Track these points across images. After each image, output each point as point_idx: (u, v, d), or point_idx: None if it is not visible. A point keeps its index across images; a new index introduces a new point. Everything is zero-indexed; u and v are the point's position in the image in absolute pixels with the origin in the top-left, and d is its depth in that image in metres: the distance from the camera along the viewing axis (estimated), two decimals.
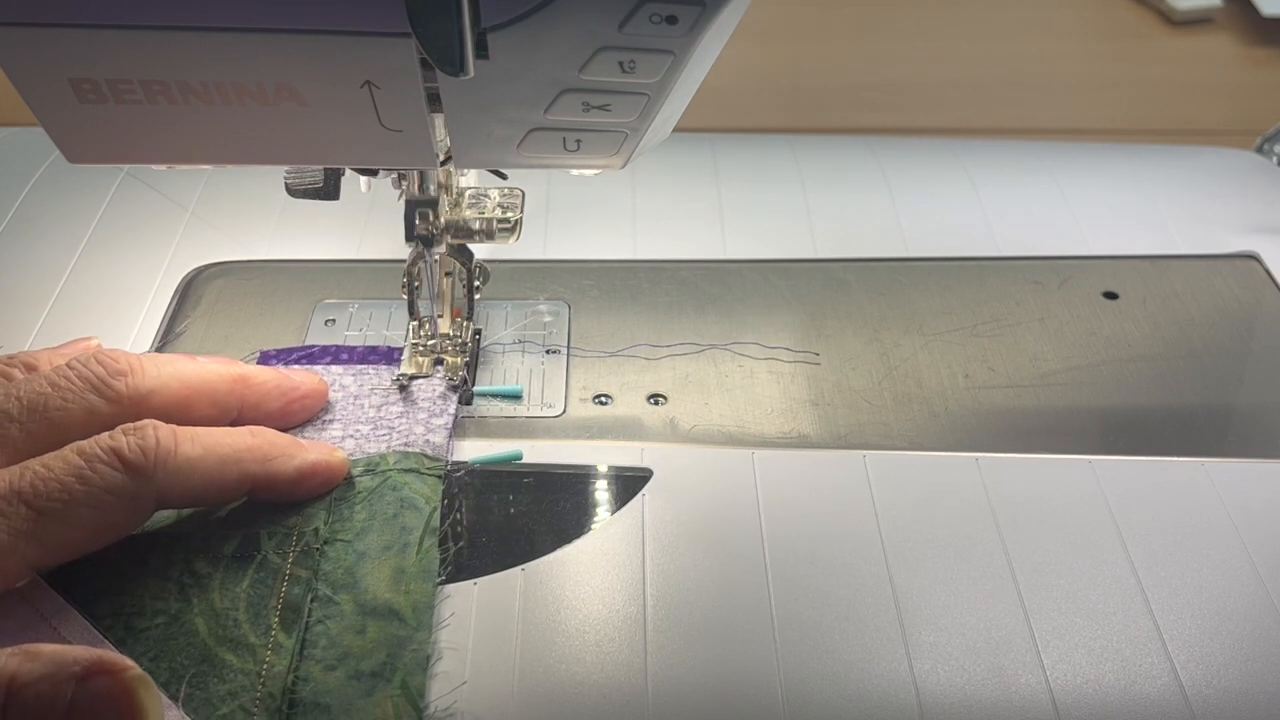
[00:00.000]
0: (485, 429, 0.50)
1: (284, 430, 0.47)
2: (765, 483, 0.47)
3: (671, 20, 0.37)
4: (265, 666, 0.39)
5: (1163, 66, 0.86)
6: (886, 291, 0.58)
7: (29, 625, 0.40)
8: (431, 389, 0.50)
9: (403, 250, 0.50)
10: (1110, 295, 0.59)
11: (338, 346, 0.53)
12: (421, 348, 0.52)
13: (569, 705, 0.39)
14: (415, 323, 0.52)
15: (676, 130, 0.45)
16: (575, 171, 0.45)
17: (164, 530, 0.43)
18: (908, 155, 0.68)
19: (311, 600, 0.41)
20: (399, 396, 0.50)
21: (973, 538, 0.45)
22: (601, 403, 0.52)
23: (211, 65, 0.38)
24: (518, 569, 0.44)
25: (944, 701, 0.40)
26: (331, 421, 0.49)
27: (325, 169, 0.48)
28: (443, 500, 0.45)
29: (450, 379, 0.51)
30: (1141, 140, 0.76)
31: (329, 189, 0.48)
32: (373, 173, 0.47)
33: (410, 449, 0.47)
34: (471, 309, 0.53)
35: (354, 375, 0.51)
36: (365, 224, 0.61)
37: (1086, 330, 0.56)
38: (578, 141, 0.42)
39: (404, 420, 0.49)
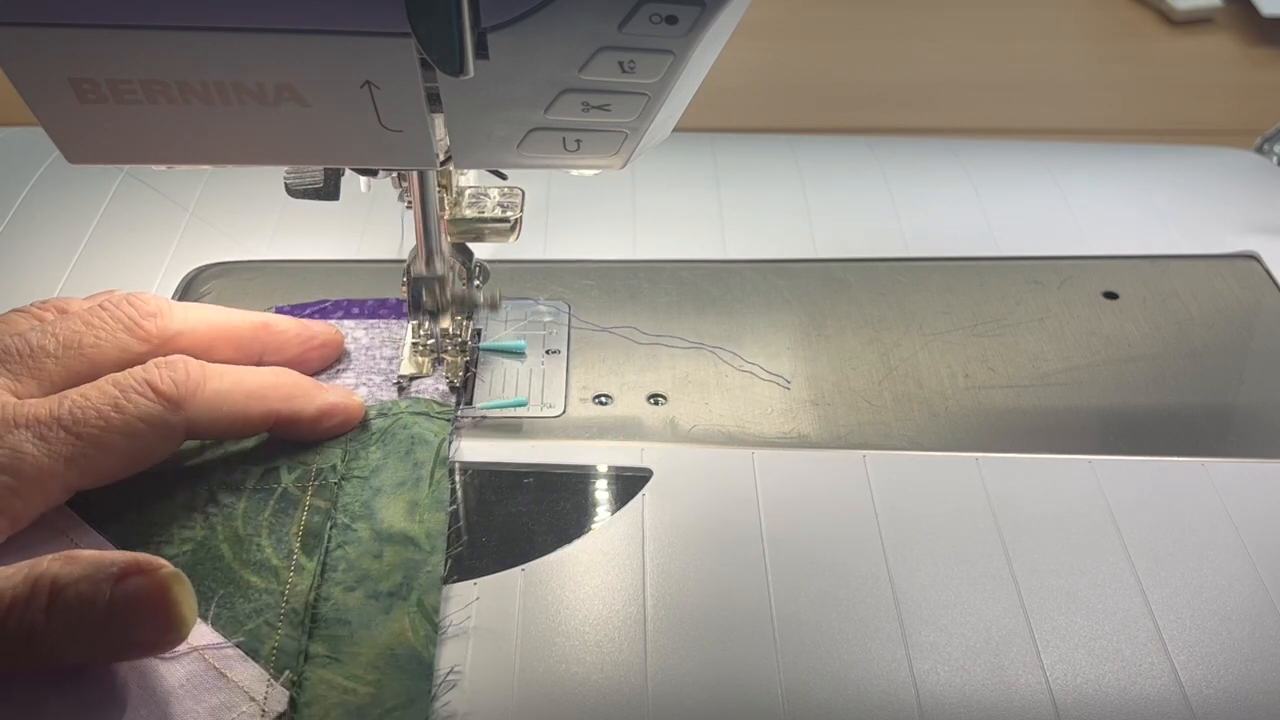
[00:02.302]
0: (485, 429, 0.50)
1: None
2: (765, 483, 0.47)
3: (671, 20, 0.37)
4: (288, 587, 0.42)
5: (1163, 66, 0.86)
6: (886, 291, 0.58)
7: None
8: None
9: (402, 251, 0.50)
10: (1110, 295, 0.59)
11: (349, 301, 0.56)
12: (421, 347, 0.52)
13: (569, 705, 0.39)
14: (415, 322, 0.52)
15: (676, 130, 0.45)
16: (575, 171, 0.45)
17: (189, 466, 0.46)
18: (908, 155, 0.68)
19: (331, 528, 0.44)
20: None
21: (973, 538, 0.45)
22: (601, 403, 0.52)
23: (211, 65, 0.38)
24: (518, 569, 0.44)
25: (944, 701, 0.40)
26: (345, 371, 0.52)
27: (325, 169, 0.48)
28: (450, 437, 0.48)
29: (450, 378, 0.51)
30: (1141, 140, 0.76)
31: (329, 189, 0.48)
32: (373, 173, 0.47)
33: (420, 396, 0.50)
34: (471, 309, 0.53)
35: (365, 329, 0.54)
36: (365, 224, 0.61)
37: (1086, 330, 0.56)
38: (578, 141, 0.42)
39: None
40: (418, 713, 0.38)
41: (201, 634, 0.40)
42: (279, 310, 0.55)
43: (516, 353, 0.53)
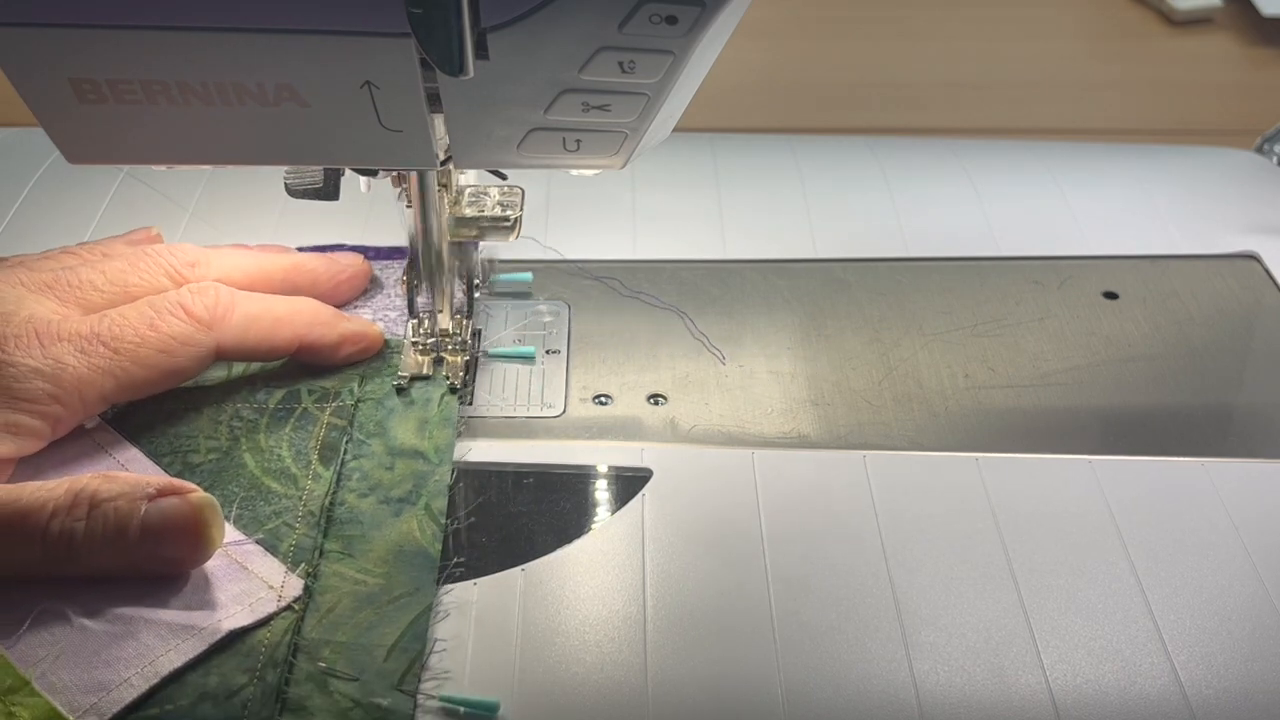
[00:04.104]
0: (485, 429, 0.50)
1: None
2: (765, 483, 0.47)
3: (671, 20, 0.37)
4: (305, 492, 0.45)
5: (1163, 66, 0.86)
6: (886, 291, 0.58)
7: (103, 467, 0.46)
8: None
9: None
10: (1110, 295, 0.59)
11: (363, 246, 0.58)
12: (421, 346, 0.52)
13: (569, 705, 0.39)
14: (414, 321, 0.52)
15: (676, 130, 0.45)
16: (575, 171, 0.45)
17: (216, 389, 0.50)
18: (908, 155, 0.68)
19: (346, 442, 0.48)
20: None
21: (973, 538, 0.45)
22: (601, 403, 0.52)
23: (211, 65, 0.38)
24: (518, 569, 0.44)
25: (944, 701, 0.40)
26: (361, 308, 0.55)
27: (325, 169, 0.48)
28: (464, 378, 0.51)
29: (449, 378, 0.51)
30: (1141, 140, 0.76)
31: (329, 189, 0.49)
32: (373, 173, 0.48)
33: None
34: (471, 308, 0.53)
35: (379, 269, 0.57)
36: (365, 224, 0.61)
37: (1086, 330, 0.56)
38: (578, 141, 0.42)
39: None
40: (423, 599, 0.42)
41: (225, 533, 0.43)
42: (301, 250, 0.57)
43: (526, 358, 0.53)
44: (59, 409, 0.44)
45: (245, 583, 0.42)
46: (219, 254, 0.51)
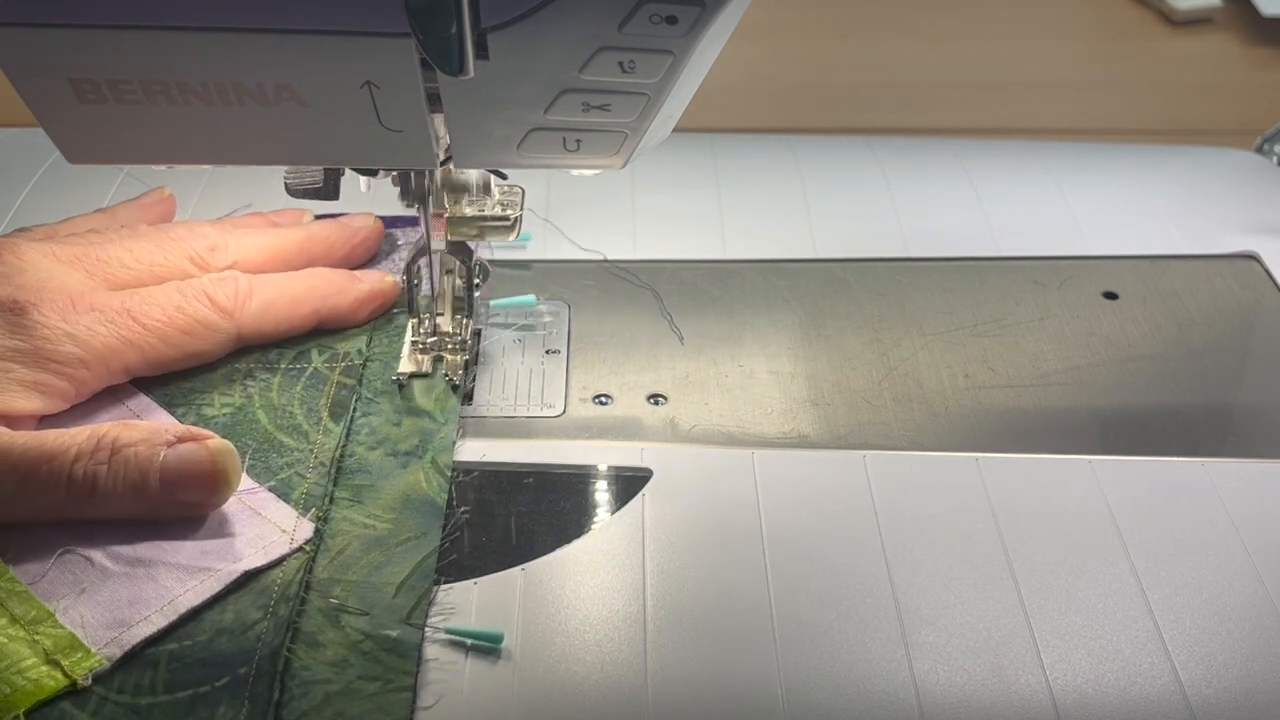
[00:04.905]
0: (485, 429, 0.50)
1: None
2: (765, 483, 0.47)
3: (671, 20, 0.37)
4: (316, 445, 0.48)
5: (1163, 66, 0.86)
6: (886, 291, 0.58)
7: (122, 420, 0.48)
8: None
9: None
10: (1110, 295, 0.59)
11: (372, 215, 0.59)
12: (421, 345, 0.52)
13: (569, 705, 0.39)
14: (415, 320, 0.52)
15: (676, 130, 0.45)
16: (575, 171, 0.45)
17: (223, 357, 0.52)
18: (908, 155, 0.68)
19: (356, 400, 0.50)
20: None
21: (973, 538, 0.45)
22: (601, 403, 0.52)
23: (211, 65, 0.38)
24: (518, 569, 0.44)
25: (944, 701, 0.40)
26: (372, 270, 0.57)
27: (325, 169, 0.48)
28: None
29: (449, 377, 0.51)
30: (1141, 140, 0.76)
31: (329, 189, 0.48)
32: (373, 173, 0.47)
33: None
34: (471, 308, 0.53)
35: (388, 234, 0.59)
36: None
37: (1086, 330, 0.56)
38: (578, 141, 0.42)
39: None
40: (429, 542, 0.44)
41: (241, 478, 0.45)
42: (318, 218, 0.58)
43: (527, 307, 0.56)
44: (85, 373, 0.47)
45: (259, 527, 0.44)
46: (237, 236, 0.54)
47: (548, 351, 0.54)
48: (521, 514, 0.46)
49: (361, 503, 0.45)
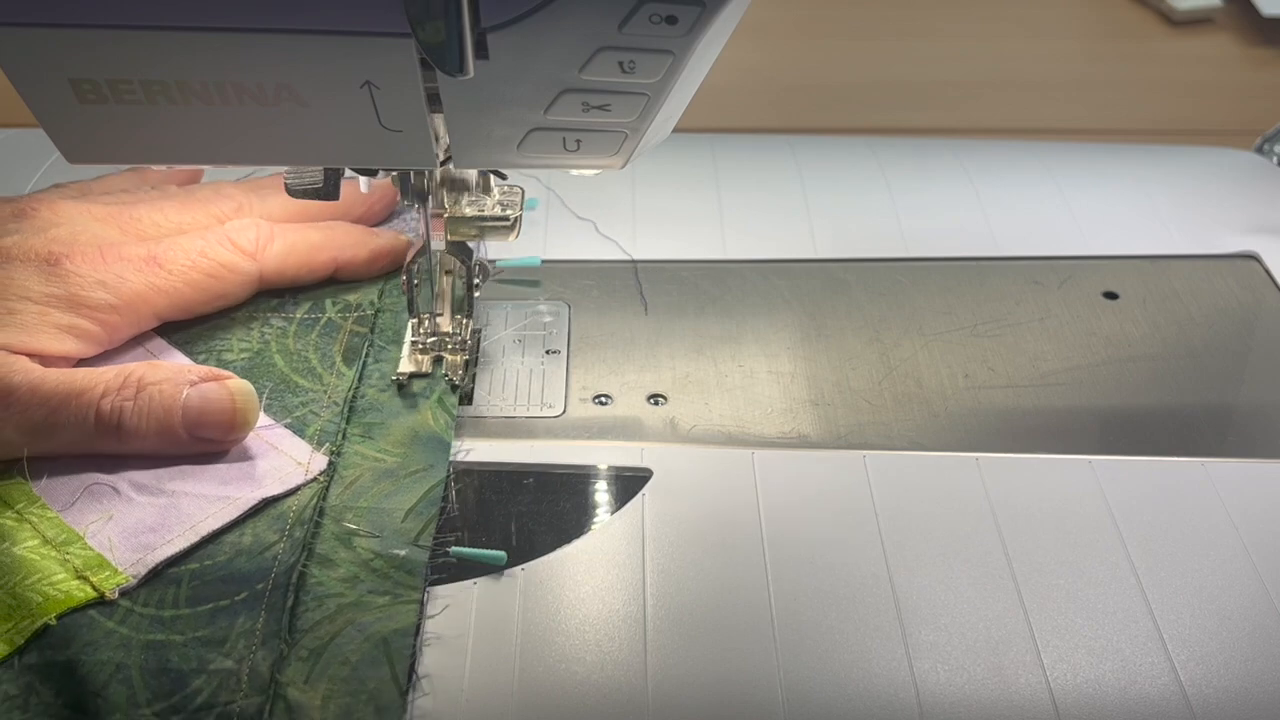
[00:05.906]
0: (485, 429, 0.50)
1: None
2: (765, 483, 0.47)
3: (671, 20, 0.37)
4: (330, 387, 0.50)
5: (1163, 66, 0.86)
6: (886, 291, 0.58)
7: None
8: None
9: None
10: (1110, 295, 0.59)
11: None
12: (421, 345, 0.52)
13: (569, 705, 0.39)
14: (415, 320, 0.52)
15: (676, 130, 0.45)
16: (575, 171, 0.45)
17: (248, 300, 0.54)
18: (908, 155, 0.68)
19: (368, 346, 0.52)
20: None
21: (973, 538, 0.45)
22: (601, 403, 0.52)
23: (211, 65, 0.38)
24: (518, 569, 0.44)
25: (944, 701, 0.40)
26: (386, 228, 0.59)
27: (325, 169, 0.48)
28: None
29: (449, 377, 0.51)
30: (1141, 140, 0.76)
31: (329, 189, 0.48)
32: (373, 173, 0.47)
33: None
34: (471, 308, 0.53)
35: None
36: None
37: (1086, 330, 0.56)
38: (578, 141, 0.42)
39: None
40: (437, 474, 0.46)
41: (259, 416, 0.48)
42: None
43: (530, 267, 0.58)
44: (116, 318, 0.49)
45: (275, 460, 0.47)
46: (261, 195, 0.56)
47: (548, 352, 0.54)
48: (521, 514, 0.46)
49: (372, 438, 0.48)
